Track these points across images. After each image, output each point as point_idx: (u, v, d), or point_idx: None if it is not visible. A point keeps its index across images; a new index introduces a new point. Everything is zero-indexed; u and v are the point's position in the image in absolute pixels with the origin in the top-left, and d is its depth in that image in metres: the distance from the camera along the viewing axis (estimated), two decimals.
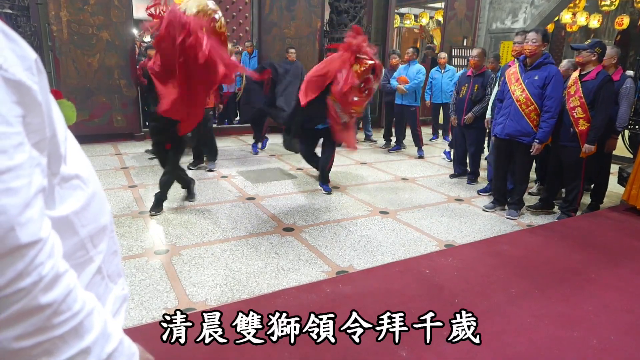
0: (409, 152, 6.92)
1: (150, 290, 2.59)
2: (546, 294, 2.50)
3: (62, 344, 0.57)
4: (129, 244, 3.22)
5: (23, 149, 0.52)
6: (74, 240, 0.65)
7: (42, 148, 0.57)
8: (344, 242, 3.40)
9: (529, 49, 3.68)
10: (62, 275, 0.56)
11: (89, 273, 0.68)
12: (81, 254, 0.67)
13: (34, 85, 0.55)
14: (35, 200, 0.53)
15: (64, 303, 0.56)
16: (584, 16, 12.72)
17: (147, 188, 4.56)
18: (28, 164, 0.52)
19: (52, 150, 0.61)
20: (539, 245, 3.25)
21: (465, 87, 5.08)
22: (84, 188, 0.68)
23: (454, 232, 3.70)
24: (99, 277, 0.71)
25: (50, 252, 0.54)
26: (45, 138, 0.58)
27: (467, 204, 4.49)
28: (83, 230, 0.67)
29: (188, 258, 3.02)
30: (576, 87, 3.70)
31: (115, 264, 0.77)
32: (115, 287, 0.77)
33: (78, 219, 0.66)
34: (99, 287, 0.71)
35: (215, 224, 3.66)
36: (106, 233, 0.73)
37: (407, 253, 3.25)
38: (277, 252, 3.17)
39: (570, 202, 3.97)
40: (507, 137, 3.90)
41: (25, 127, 0.53)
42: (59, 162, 0.64)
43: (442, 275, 2.66)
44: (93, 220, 0.69)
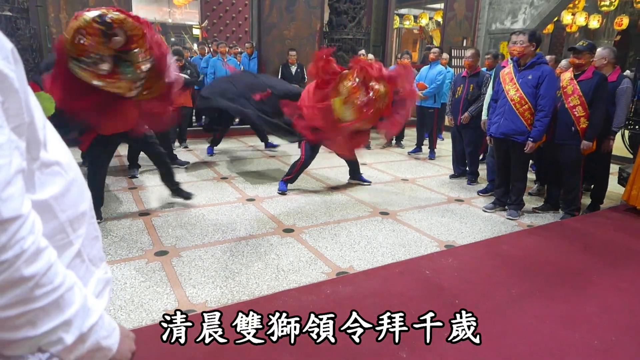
0: (406, 151, 6.92)
1: (150, 293, 2.59)
2: (547, 295, 2.49)
3: (44, 315, 0.60)
4: (128, 245, 3.21)
5: (2, 131, 0.55)
6: (53, 223, 0.67)
7: (20, 132, 0.60)
8: (344, 243, 3.40)
9: (517, 50, 3.72)
10: (43, 250, 0.59)
11: (68, 256, 0.70)
12: (61, 237, 0.69)
13: (11, 73, 0.58)
14: (15, 179, 0.56)
15: (45, 276, 0.59)
16: (584, 16, 12.73)
17: (147, 190, 4.56)
18: (7, 146, 0.55)
19: (31, 135, 0.64)
20: (539, 246, 3.24)
21: (461, 87, 5.09)
22: (63, 174, 0.71)
23: (454, 232, 3.70)
24: (79, 260, 0.73)
25: (31, 228, 0.57)
26: (23, 123, 0.60)
27: (468, 205, 4.48)
28: (62, 215, 0.69)
29: (188, 260, 3.01)
30: (573, 86, 3.71)
31: (96, 249, 0.79)
32: (98, 271, 0.79)
33: (57, 203, 0.68)
34: (80, 270, 0.73)
35: (215, 225, 3.65)
36: (85, 219, 0.75)
37: (407, 254, 3.24)
38: (277, 253, 3.17)
39: (571, 201, 3.97)
40: (502, 136, 3.91)
41: (4, 112, 0.56)
42: (38, 148, 0.66)
43: (442, 276, 2.65)
44: (72, 206, 0.72)
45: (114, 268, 2.85)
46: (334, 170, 5.59)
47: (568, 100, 3.73)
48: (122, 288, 2.62)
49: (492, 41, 10.43)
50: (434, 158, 6.62)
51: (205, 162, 5.81)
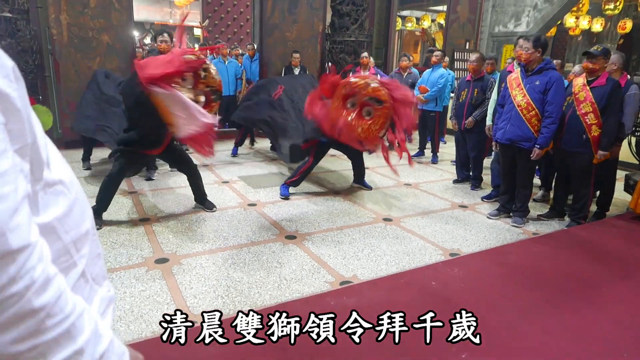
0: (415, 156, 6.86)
1: (150, 302, 2.53)
2: (556, 307, 2.44)
3: (55, 346, 0.58)
4: (128, 252, 3.16)
5: (7, 155, 0.53)
6: (57, 245, 0.66)
7: (24, 154, 0.58)
8: (347, 250, 3.34)
9: (524, 57, 3.67)
10: (52, 278, 0.57)
11: (73, 277, 0.69)
12: (65, 259, 0.67)
13: (13, 92, 0.56)
14: (22, 206, 0.54)
15: (56, 305, 0.57)
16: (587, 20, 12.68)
17: (147, 194, 4.50)
18: (12, 170, 0.53)
19: (34, 156, 0.62)
20: (545, 255, 3.19)
21: (465, 91, 5.04)
22: (66, 193, 0.69)
23: (459, 240, 3.64)
24: (83, 280, 0.72)
25: (40, 256, 0.55)
26: (26, 144, 0.59)
27: (472, 211, 4.43)
28: (66, 236, 0.68)
29: (189, 267, 2.96)
30: (585, 93, 3.64)
31: (99, 267, 0.78)
32: (101, 289, 0.78)
33: (61, 224, 0.67)
34: (84, 290, 0.72)
35: (216, 231, 3.59)
36: (88, 237, 0.74)
37: (411, 262, 3.19)
38: (280, 261, 3.11)
39: (579, 209, 3.91)
40: (508, 141, 3.86)
41: (7, 134, 0.54)
42: (42, 168, 0.64)
43: (448, 287, 2.59)
44: (75, 226, 0.70)
45: (114, 276, 2.80)
46: (335, 174, 5.54)
47: (580, 107, 3.67)
48: (121, 298, 2.56)
49: (495, 44, 10.38)
50: (436, 162, 6.56)
51: (206, 165, 5.75)
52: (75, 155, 6.02)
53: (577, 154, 3.76)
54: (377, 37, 9.26)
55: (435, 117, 6.45)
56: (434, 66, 6.49)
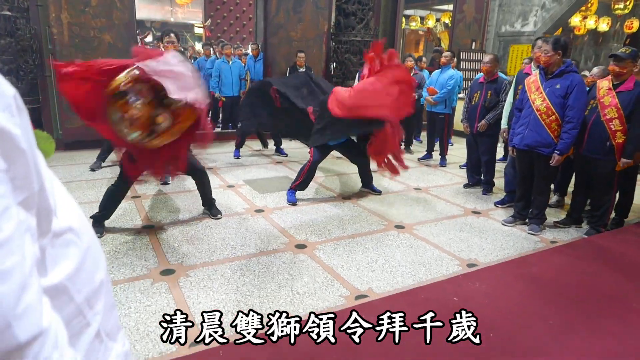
0: (416, 157, 6.72)
1: (157, 319, 2.39)
2: (588, 327, 2.30)
3: None
4: (132, 263, 3.02)
5: (9, 214, 0.42)
6: (69, 308, 0.57)
7: (30, 206, 0.48)
8: (361, 261, 3.20)
9: (543, 60, 3.53)
10: None
11: (86, 339, 0.60)
12: (77, 320, 0.58)
13: (16, 129, 0.44)
14: (31, 279, 0.44)
15: None
16: (593, 19, 12.53)
17: (150, 199, 4.36)
18: (17, 235, 0.43)
19: (42, 205, 0.51)
20: (569, 267, 3.05)
21: (478, 93, 4.89)
22: (77, 243, 0.59)
23: (475, 249, 3.51)
24: (98, 341, 0.63)
25: (55, 342, 0.47)
26: (33, 193, 0.48)
27: (485, 217, 4.29)
28: (79, 296, 0.58)
29: (196, 280, 2.82)
30: (611, 97, 3.49)
31: (113, 318, 0.69)
32: (116, 345, 0.69)
33: (73, 283, 0.57)
34: (99, 352, 0.63)
35: (223, 240, 3.46)
36: (102, 290, 0.64)
37: (428, 274, 3.05)
38: (291, 272, 2.98)
39: (599, 217, 3.77)
40: (526, 147, 3.72)
41: (10, 183, 0.44)
42: (50, 218, 0.54)
43: (471, 303, 2.45)
44: (89, 281, 0.61)
45: (117, 290, 2.66)
46: (343, 177, 5.40)
47: (604, 112, 3.52)
48: (125, 314, 2.42)
49: (501, 44, 10.24)
50: (445, 165, 6.42)
51: (210, 168, 5.61)
52: (77, 156, 5.89)
53: (599, 160, 3.61)
54: (382, 36, 9.11)
55: (444, 119, 6.30)
56: (443, 67, 6.34)
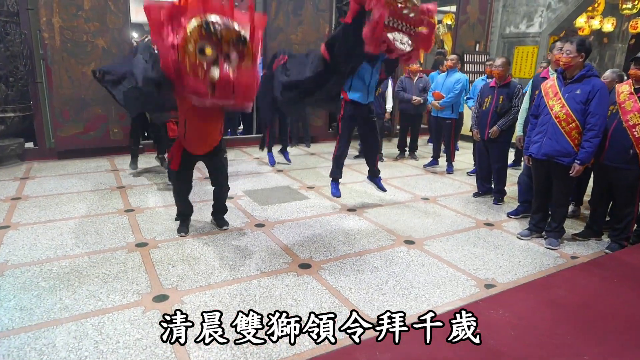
0: (422, 163, 6.49)
1: (148, 355, 2.16)
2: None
3: None
4: (123, 287, 2.78)
5: None
6: None
7: None
8: (370, 282, 2.97)
9: (564, 61, 3.30)
10: None
11: None
12: None
13: None
14: None
15: None
16: (598, 20, 12.31)
17: (144, 212, 4.13)
18: None
19: None
20: (598, 289, 2.82)
21: (489, 98, 4.66)
22: None
23: (491, 267, 3.27)
24: None
25: None
26: None
27: (499, 230, 4.05)
28: None
29: (192, 307, 2.58)
30: (633, 102, 3.27)
31: None
32: None
33: None
34: None
35: (222, 259, 3.22)
36: None
37: (443, 296, 2.82)
38: (295, 297, 2.74)
39: (622, 229, 3.54)
40: (545, 157, 3.48)
41: None
42: None
43: (497, 336, 2.22)
44: None
45: (105, 320, 2.42)
46: (347, 187, 5.15)
47: (626, 117, 3.30)
48: (113, 350, 2.18)
49: (505, 45, 10.01)
50: (452, 172, 6.19)
51: (207, 178, 5.37)
52: (69, 166, 5.66)
53: (621, 170, 3.39)
54: None
55: (451, 124, 6.07)
56: (449, 70, 6.10)
